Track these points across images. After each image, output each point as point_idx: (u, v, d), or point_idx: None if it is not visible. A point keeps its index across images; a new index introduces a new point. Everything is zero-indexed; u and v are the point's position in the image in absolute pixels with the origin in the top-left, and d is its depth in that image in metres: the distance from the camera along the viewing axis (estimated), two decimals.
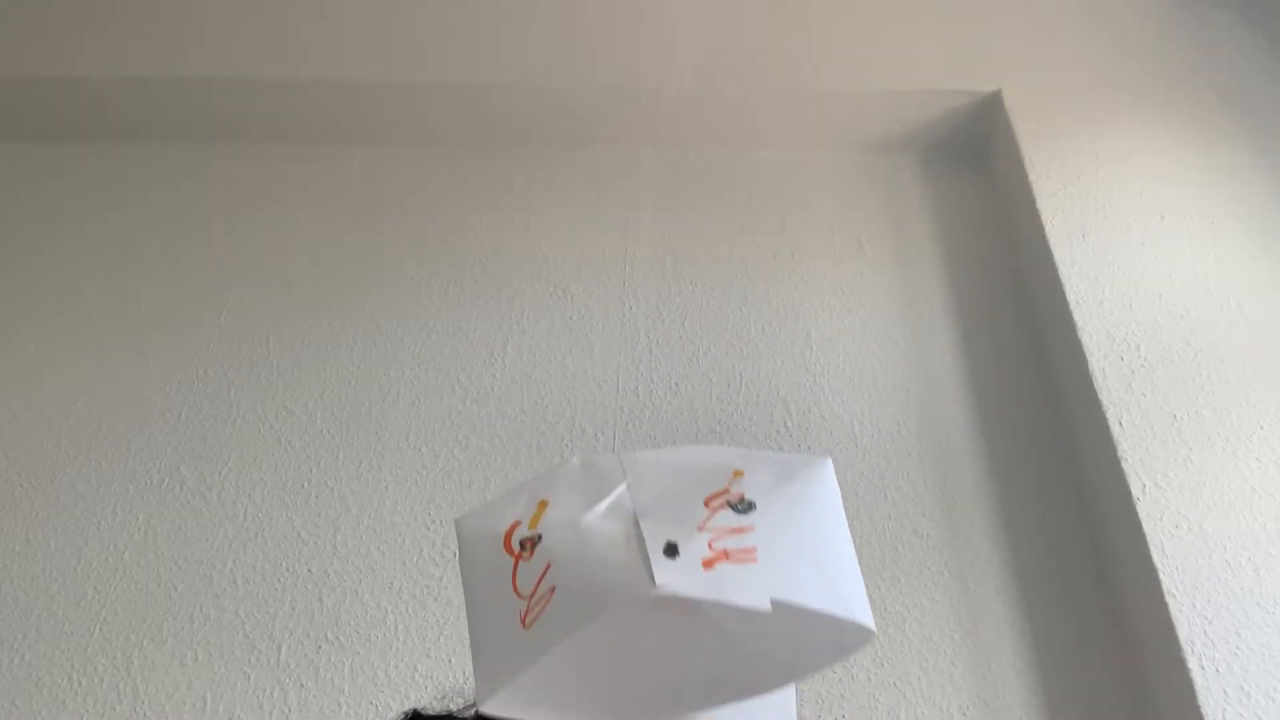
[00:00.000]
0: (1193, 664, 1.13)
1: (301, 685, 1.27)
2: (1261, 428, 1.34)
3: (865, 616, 0.38)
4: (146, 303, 1.70)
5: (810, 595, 0.37)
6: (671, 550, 0.36)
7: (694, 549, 0.37)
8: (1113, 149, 1.70)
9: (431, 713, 0.73)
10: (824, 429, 1.52)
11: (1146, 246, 1.57)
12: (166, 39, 1.91)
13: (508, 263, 1.75)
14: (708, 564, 0.36)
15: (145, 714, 1.25)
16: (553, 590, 0.37)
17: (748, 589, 0.35)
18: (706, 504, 0.40)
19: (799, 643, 0.39)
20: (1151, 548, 1.23)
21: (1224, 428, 1.35)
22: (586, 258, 1.75)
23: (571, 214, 1.82)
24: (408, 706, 1.14)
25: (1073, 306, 1.49)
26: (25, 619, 1.33)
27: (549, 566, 0.38)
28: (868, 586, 1.30)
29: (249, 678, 1.28)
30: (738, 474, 0.42)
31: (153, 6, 1.96)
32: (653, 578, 0.35)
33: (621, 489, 0.41)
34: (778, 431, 1.52)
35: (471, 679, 0.74)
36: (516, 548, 0.39)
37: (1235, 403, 1.37)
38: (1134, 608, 1.28)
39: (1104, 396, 1.38)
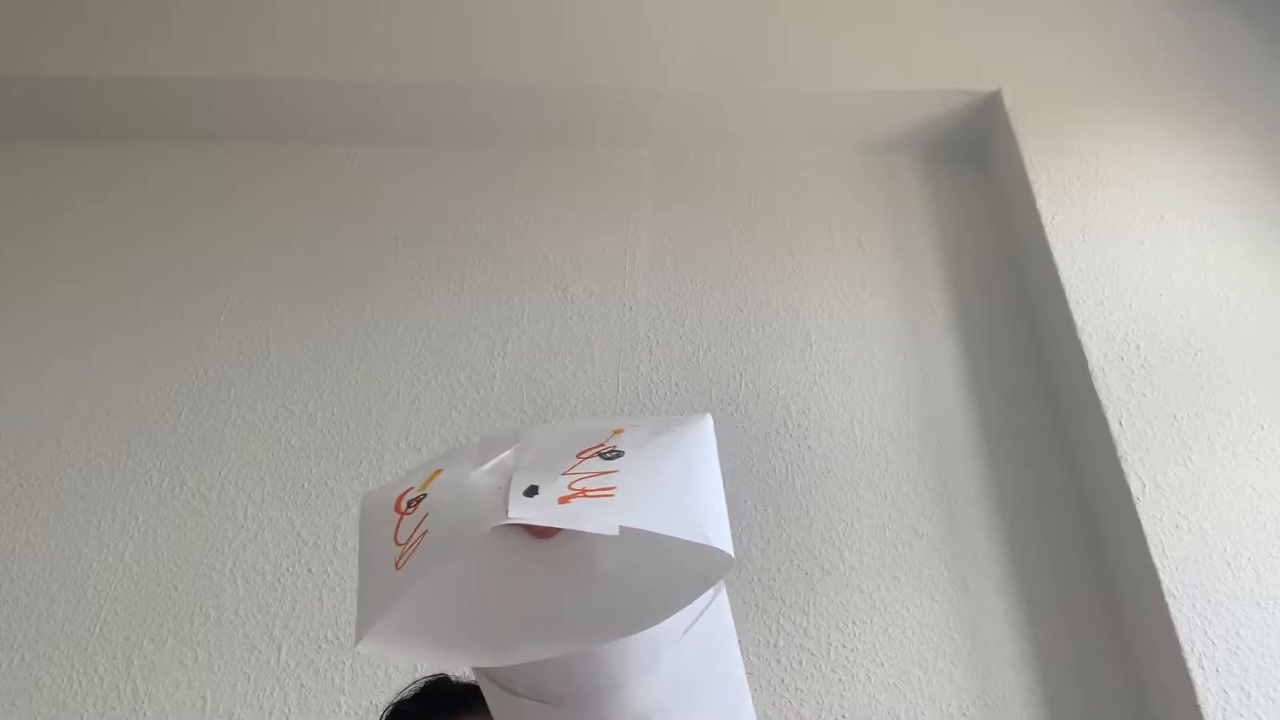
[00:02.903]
0: (1193, 664, 1.13)
1: (301, 685, 1.27)
2: (1261, 428, 1.35)
3: (722, 542, 0.38)
4: (146, 303, 1.70)
5: (663, 523, 0.37)
6: (532, 491, 0.37)
7: (553, 489, 0.38)
8: (1113, 149, 1.70)
9: (461, 680, 0.72)
10: (824, 429, 1.52)
11: (1146, 246, 1.57)
12: (166, 39, 1.91)
13: (508, 262, 1.75)
14: (563, 500, 0.37)
15: (145, 714, 1.25)
16: (424, 534, 0.38)
17: (599, 520, 0.36)
18: (578, 456, 0.41)
19: (665, 574, 0.40)
20: (1151, 548, 1.23)
21: (1224, 428, 1.35)
22: (586, 258, 1.75)
23: (571, 214, 1.82)
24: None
25: (1073, 306, 1.49)
26: (25, 619, 1.33)
27: (425, 516, 0.39)
28: (868, 586, 1.31)
29: (249, 678, 1.28)
30: (616, 432, 0.44)
31: (153, 6, 1.96)
32: (507, 511, 0.36)
33: (508, 452, 0.43)
34: (778, 431, 1.51)
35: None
36: (403, 507, 0.41)
37: (1235, 403, 1.37)
38: (1134, 608, 1.28)
39: (1104, 396, 1.38)
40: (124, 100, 1.89)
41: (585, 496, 0.37)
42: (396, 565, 0.38)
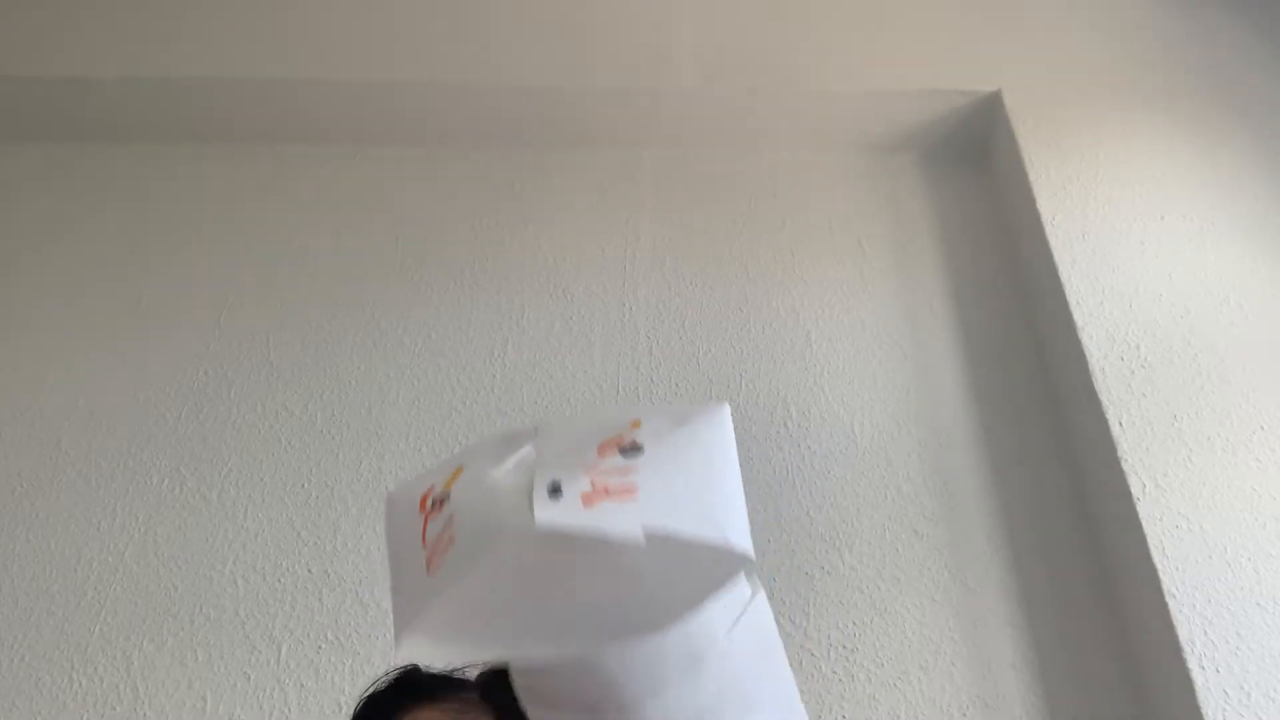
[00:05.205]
0: (1193, 664, 1.13)
1: (301, 685, 1.27)
2: (1261, 428, 1.35)
3: (741, 541, 0.39)
4: (146, 303, 1.70)
5: (685, 524, 0.38)
6: (555, 490, 0.38)
7: (576, 487, 0.38)
8: (1113, 149, 1.70)
9: (433, 671, 0.74)
10: (824, 429, 1.52)
11: (1146, 246, 1.57)
12: (166, 39, 1.91)
13: (508, 263, 1.75)
14: (587, 500, 0.38)
15: (145, 714, 1.25)
16: (453, 537, 0.39)
17: (623, 522, 0.37)
18: (599, 451, 0.42)
19: (687, 573, 0.40)
20: (1151, 548, 1.23)
21: (1224, 428, 1.35)
22: (586, 258, 1.75)
23: (572, 214, 1.82)
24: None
25: (1073, 306, 1.49)
26: (25, 619, 1.33)
27: (452, 517, 0.40)
28: (868, 586, 1.30)
29: (249, 678, 1.28)
30: (635, 424, 0.44)
31: (152, 6, 1.96)
32: (533, 515, 0.37)
33: (528, 448, 0.43)
34: (778, 432, 1.52)
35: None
36: (428, 507, 0.41)
37: (1235, 403, 1.37)
38: (1134, 608, 1.28)
39: (1104, 396, 1.38)
40: (124, 100, 1.89)
41: (608, 497, 0.38)
42: (427, 569, 0.39)
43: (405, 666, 0.78)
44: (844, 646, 1.29)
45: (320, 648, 1.30)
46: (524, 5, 1.97)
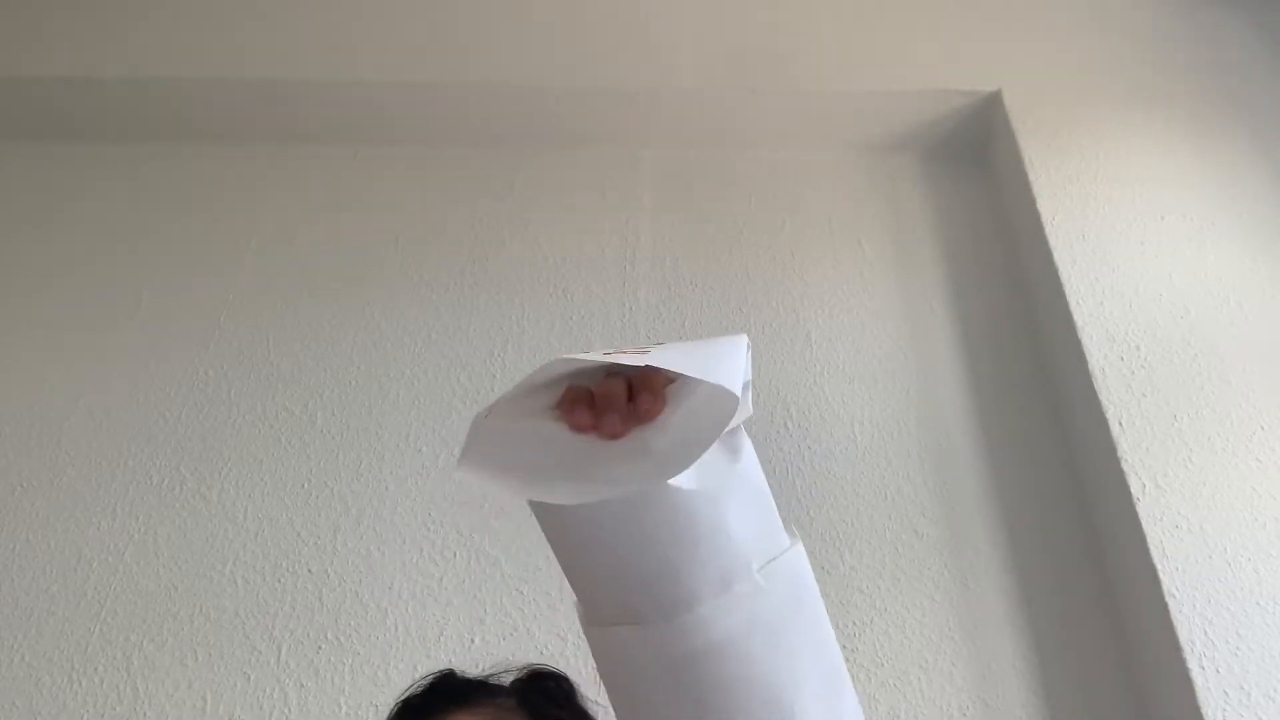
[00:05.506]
0: (1193, 664, 1.13)
1: (301, 685, 1.27)
2: (1261, 428, 1.35)
3: (730, 382, 0.43)
4: (146, 303, 1.70)
5: (680, 366, 0.43)
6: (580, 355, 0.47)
7: (600, 350, 0.47)
8: (1113, 149, 1.70)
9: (469, 676, 0.76)
10: (824, 429, 1.52)
11: (1146, 246, 1.57)
12: (166, 39, 1.91)
13: (507, 263, 1.75)
14: (607, 355, 0.46)
15: (145, 714, 1.25)
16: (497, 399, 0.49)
17: (630, 361, 0.44)
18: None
19: (690, 426, 0.46)
20: (1151, 548, 1.23)
21: (1224, 428, 1.35)
22: (586, 258, 1.75)
23: (571, 214, 1.82)
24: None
25: (1073, 306, 1.49)
26: (25, 619, 1.33)
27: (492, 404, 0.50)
28: (868, 586, 1.31)
29: (249, 678, 1.28)
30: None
31: (153, 6, 1.96)
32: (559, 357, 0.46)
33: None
34: (778, 432, 1.52)
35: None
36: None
37: (1235, 403, 1.37)
38: (1134, 608, 1.28)
39: (1104, 397, 1.38)
40: (124, 100, 1.89)
41: (624, 354, 0.45)
42: (486, 416, 0.48)
43: (440, 671, 0.78)
44: (844, 646, 1.29)
45: (320, 648, 1.30)
46: (524, 5, 1.97)
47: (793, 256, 1.75)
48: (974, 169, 1.89)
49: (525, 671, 0.79)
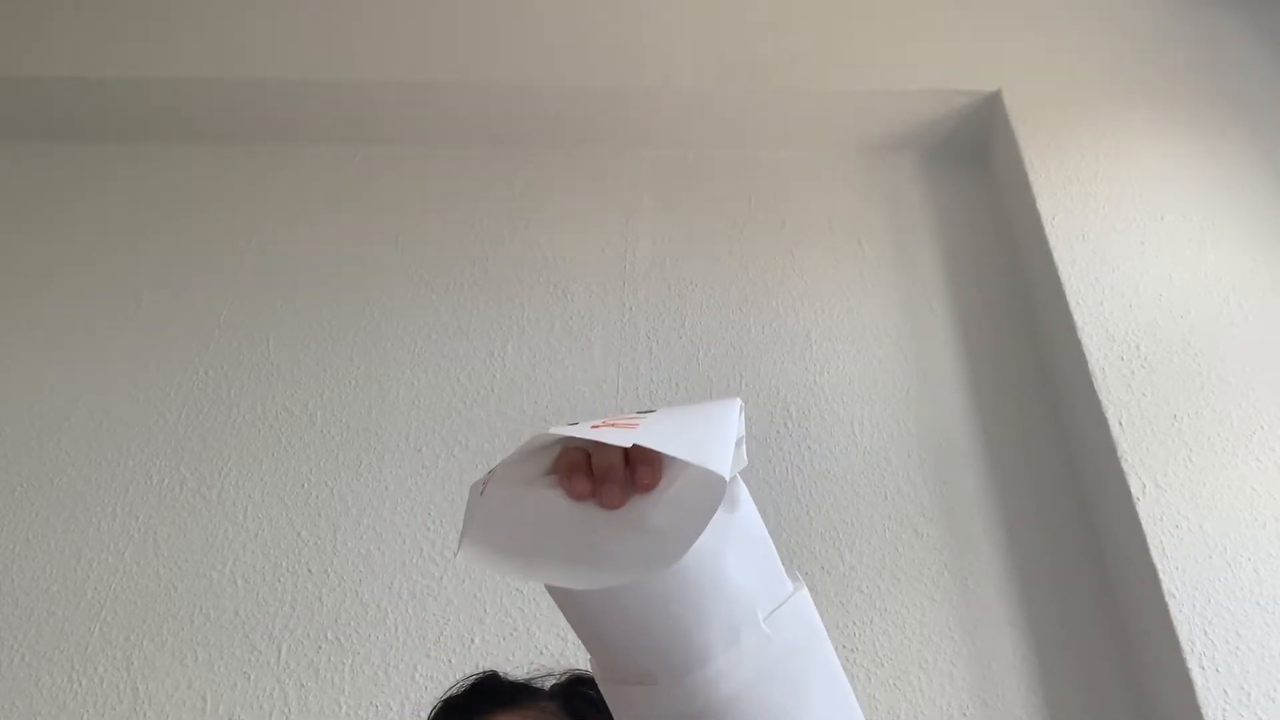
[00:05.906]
0: (1193, 664, 1.13)
1: (301, 685, 1.27)
2: (1261, 428, 1.35)
3: (717, 465, 0.42)
4: (146, 302, 1.70)
5: (668, 446, 0.43)
6: (570, 426, 0.46)
7: (589, 422, 0.47)
8: (1113, 149, 1.70)
9: (511, 679, 0.76)
10: (824, 429, 1.52)
11: (1146, 246, 1.57)
12: (166, 39, 1.91)
13: (508, 263, 1.75)
14: (595, 428, 0.45)
15: (145, 714, 1.25)
16: (492, 472, 0.48)
17: (618, 439, 0.43)
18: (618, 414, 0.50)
19: (683, 509, 0.46)
20: (1151, 548, 1.23)
21: (1224, 428, 1.35)
22: (586, 258, 1.75)
23: (571, 214, 1.82)
24: (409, 705, 1.15)
25: (1073, 306, 1.49)
26: (25, 619, 1.33)
27: (492, 472, 0.49)
28: (868, 586, 1.30)
29: (249, 678, 1.28)
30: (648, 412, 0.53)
31: (153, 6, 1.96)
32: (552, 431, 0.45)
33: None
34: (778, 432, 1.52)
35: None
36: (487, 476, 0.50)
37: (1235, 403, 1.37)
38: (1134, 608, 1.28)
39: (1104, 396, 1.38)
40: (124, 100, 1.89)
41: (613, 427, 0.45)
42: (481, 491, 0.48)
43: (484, 672, 0.79)
44: (844, 646, 1.29)
45: (320, 648, 1.30)
46: (524, 5, 1.97)
47: (793, 256, 1.75)
48: (974, 169, 1.89)
49: (565, 676, 0.79)
